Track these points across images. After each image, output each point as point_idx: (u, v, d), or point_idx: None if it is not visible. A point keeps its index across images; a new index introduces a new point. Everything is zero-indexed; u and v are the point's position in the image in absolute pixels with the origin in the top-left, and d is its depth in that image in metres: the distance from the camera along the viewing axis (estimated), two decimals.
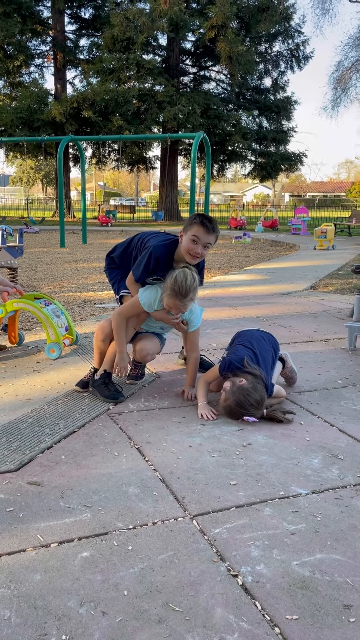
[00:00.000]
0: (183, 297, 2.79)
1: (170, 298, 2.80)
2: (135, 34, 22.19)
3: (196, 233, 2.79)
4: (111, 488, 2.03)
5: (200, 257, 2.86)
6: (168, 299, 2.81)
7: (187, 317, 3.04)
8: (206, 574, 1.57)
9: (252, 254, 12.50)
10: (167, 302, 2.83)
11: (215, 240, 2.87)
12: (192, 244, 2.81)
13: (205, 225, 2.78)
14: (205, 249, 2.84)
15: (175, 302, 2.81)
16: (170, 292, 2.79)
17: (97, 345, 3.09)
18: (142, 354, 3.12)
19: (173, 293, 2.78)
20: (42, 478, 2.10)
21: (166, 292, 2.82)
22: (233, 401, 2.65)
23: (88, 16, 27.65)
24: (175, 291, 2.78)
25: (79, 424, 2.62)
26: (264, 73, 27.44)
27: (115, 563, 1.61)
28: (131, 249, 3.11)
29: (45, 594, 1.48)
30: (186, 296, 2.79)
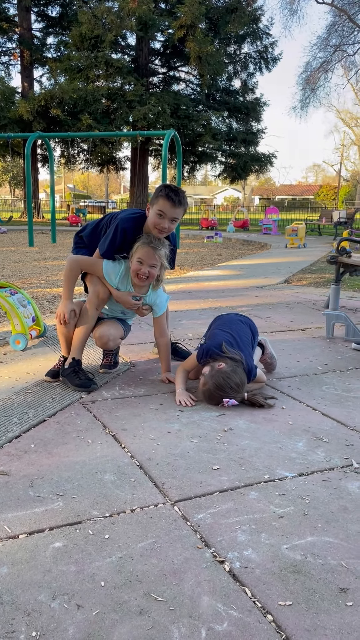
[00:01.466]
0: (155, 247, 2.69)
1: (143, 247, 2.69)
2: (104, 32, 21.97)
3: (162, 207, 2.65)
4: (85, 476, 1.89)
5: (167, 231, 2.72)
6: (140, 249, 2.70)
7: (152, 302, 2.94)
8: (190, 561, 1.44)
9: (224, 252, 12.46)
10: (138, 254, 2.71)
11: (182, 214, 2.74)
12: (158, 218, 2.67)
13: (171, 198, 2.63)
14: (172, 223, 2.70)
15: (146, 251, 2.69)
16: (142, 242, 2.70)
17: (60, 332, 2.92)
18: (102, 340, 2.95)
19: (145, 241, 2.70)
20: (10, 467, 1.94)
21: (138, 244, 2.71)
22: (212, 384, 2.54)
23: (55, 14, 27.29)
24: (146, 241, 2.70)
25: (49, 413, 2.46)
26: (233, 74, 27.55)
27: (90, 553, 1.47)
28: (101, 227, 2.96)
29: (12, 588, 1.33)
30: (157, 246, 2.70)
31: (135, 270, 2.73)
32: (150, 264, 2.72)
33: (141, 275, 2.74)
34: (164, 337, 3.00)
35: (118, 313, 3.09)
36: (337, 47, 26.85)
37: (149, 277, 2.75)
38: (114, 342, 3.01)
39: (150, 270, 2.73)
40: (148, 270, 2.72)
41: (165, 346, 3.01)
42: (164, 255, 2.76)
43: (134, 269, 2.74)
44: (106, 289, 2.87)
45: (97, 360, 3.31)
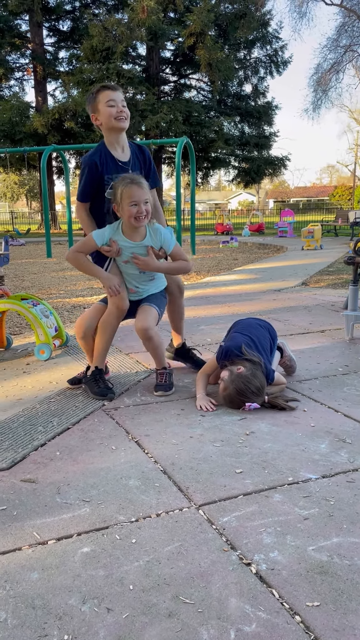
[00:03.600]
0: (138, 183, 2.64)
1: (127, 188, 2.61)
2: (114, 43, 22.23)
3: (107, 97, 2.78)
4: (110, 482, 1.91)
5: (127, 117, 2.80)
6: (125, 193, 2.61)
7: (159, 241, 2.82)
8: (217, 563, 1.46)
9: (240, 256, 12.46)
10: (127, 198, 2.61)
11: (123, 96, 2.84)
12: (109, 108, 2.75)
13: (106, 87, 2.82)
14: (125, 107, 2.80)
15: (133, 190, 2.61)
16: (123, 184, 2.63)
17: (81, 345, 2.96)
18: (142, 334, 2.80)
19: (125, 182, 2.63)
20: (37, 475, 1.98)
21: (119, 189, 2.63)
22: (233, 389, 2.55)
23: (66, 28, 27.71)
24: (126, 182, 2.63)
25: (73, 421, 2.50)
26: (244, 79, 27.63)
27: (118, 557, 1.49)
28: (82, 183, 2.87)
29: (44, 593, 1.35)
30: (139, 181, 2.65)
31: (132, 214, 2.65)
32: (144, 201, 2.65)
33: (139, 215, 2.66)
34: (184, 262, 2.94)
35: (133, 285, 2.91)
36: (348, 48, 26.75)
37: (146, 214, 2.68)
38: (152, 330, 2.79)
39: (146, 207, 2.67)
40: (144, 208, 2.65)
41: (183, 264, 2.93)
42: (148, 188, 2.71)
43: (129, 215, 2.65)
44: (124, 299, 2.83)
45: (127, 368, 3.34)
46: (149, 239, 2.80)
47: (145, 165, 2.96)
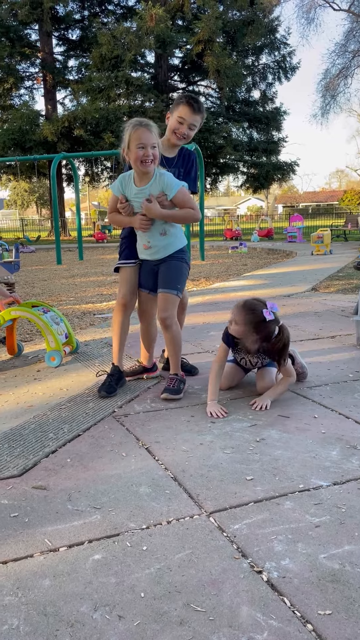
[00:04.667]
0: (147, 126, 2.62)
1: (136, 130, 2.60)
2: (123, 52, 22.41)
3: (182, 114, 2.85)
4: (121, 488, 1.92)
5: (186, 138, 2.89)
6: (134, 135, 2.60)
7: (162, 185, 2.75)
8: (228, 571, 1.46)
9: (249, 262, 12.45)
10: (135, 140, 2.60)
11: (201, 121, 2.90)
12: (177, 124, 2.86)
13: (191, 105, 2.83)
14: (190, 130, 2.87)
15: (141, 132, 2.60)
16: (133, 127, 2.62)
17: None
18: (161, 323, 2.91)
19: (135, 124, 2.62)
20: (48, 482, 1.99)
21: (128, 132, 2.62)
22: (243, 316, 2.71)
23: (76, 37, 27.97)
24: (136, 124, 2.63)
25: (83, 427, 2.51)
26: (252, 85, 27.69)
27: (129, 564, 1.49)
28: None
29: (55, 600, 1.36)
30: (149, 125, 2.63)
31: (138, 157, 2.63)
32: (152, 144, 2.63)
33: (146, 158, 2.63)
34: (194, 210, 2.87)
35: (145, 240, 2.90)
36: (356, 53, 26.75)
37: (154, 159, 2.66)
38: (171, 315, 2.89)
39: (154, 152, 2.64)
40: (152, 152, 2.63)
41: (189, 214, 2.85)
42: (157, 132, 2.68)
43: (136, 157, 2.63)
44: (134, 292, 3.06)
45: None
46: (152, 184, 2.76)
47: (186, 166, 3.04)
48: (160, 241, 2.87)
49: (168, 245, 2.89)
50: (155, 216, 2.78)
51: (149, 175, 2.73)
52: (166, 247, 2.89)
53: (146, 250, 2.91)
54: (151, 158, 2.64)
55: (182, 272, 2.95)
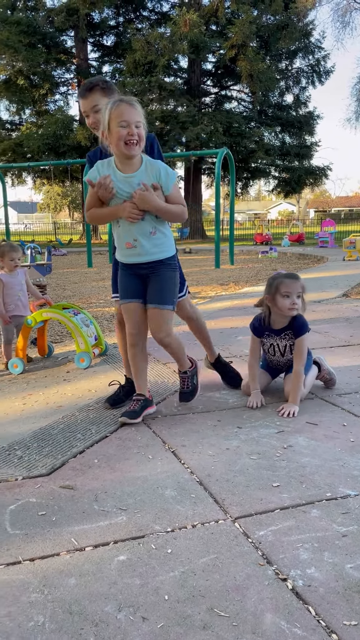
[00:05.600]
0: (129, 102, 2.28)
1: (116, 107, 2.25)
2: (157, 57, 22.57)
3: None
4: (147, 491, 1.93)
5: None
6: (114, 112, 2.25)
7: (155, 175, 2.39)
8: (252, 577, 1.45)
9: (279, 267, 12.36)
10: (116, 117, 2.25)
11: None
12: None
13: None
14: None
15: (123, 108, 2.25)
16: (112, 104, 2.27)
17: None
18: (159, 342, 2.60)
19: (115, 101, 2.28)
20: (75, 482, 2.02)
21: (107, 109, 2.28)
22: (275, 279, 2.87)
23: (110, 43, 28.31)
24: (116, 101, 2.29)
25: (111, 429, 2.53)
26: (285, 89, 27.51)
27: (154, 567, 1.50)
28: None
29: (80, 599, 1.38)
30: (131, 101, 2.29)
31: (121, 137, 2.26)
32: (135, 122, 2.27)
33: (130, 138, 2.27)
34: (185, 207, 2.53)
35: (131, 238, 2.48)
36: None
37: (139, 139, 2.30)
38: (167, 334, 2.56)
39: (139, 131, 2.29)
40: (136, 132, 2.28)
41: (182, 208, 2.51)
42: (142, 109, 2.34)
43: (118, 137, 2.26)
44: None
45: (164, 378, 3.37)
46: (142, 171, 2.39)
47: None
48: (149, 241, 2.46)
49: (156, 247, 2.49)
50: (150, 208, 2.37)
51: (134, 160, 2.36)
52: (154, 249, 2.48)
53: (129, 249, 2.48)
54: (136, 138, 2.28)
55: (174, 283, 2.59)
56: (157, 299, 2.52)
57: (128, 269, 2.56)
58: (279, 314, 2.86)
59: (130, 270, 2.55)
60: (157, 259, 2.50)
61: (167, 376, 3.40)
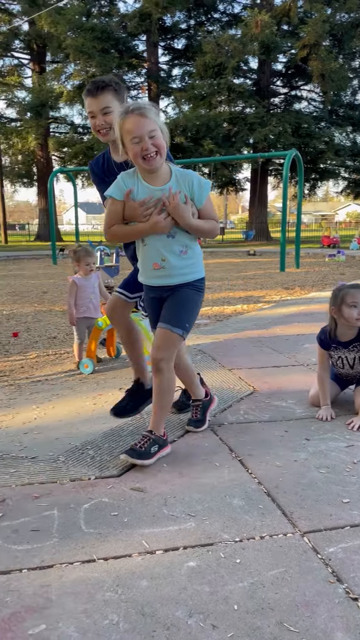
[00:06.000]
0: (139, 111, 2.04)
1: (125, 120, 2.05)
2: (227, 59, 22.57)
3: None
4: (214, 498, 1.96)
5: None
6: (125, 126, 2.06)
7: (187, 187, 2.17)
8: (322, 594, 1.44)
9: (347, 271, 12.04)
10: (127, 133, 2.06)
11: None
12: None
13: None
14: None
15: (132, 121, 2.03)
16: (121, 116, 2.08)
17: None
18: (156, 365, 2.27)
19: (123, 113, 2.08)
20: (144, 484, 2.08)
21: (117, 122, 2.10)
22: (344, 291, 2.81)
23: (181, 46, 28.60)
24: (124, 112, 2.08)
25: (178, 434, 2.58)
26: (358, 88, 26.77)
27: (223, 575, 1.53)
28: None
29: (152, 601, 1.42)
30: (141, 109, 2.05)
31: (137, 153, 2.07)
32: (149, 133, 2.04)
33: (146, 153, 2.06)
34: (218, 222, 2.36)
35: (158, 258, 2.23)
36: None
37: (158, 150, 2.07)
38: (166, 361, 2.27)
39: (155, 142, 2.06)
40: (151, 143, 2.05)
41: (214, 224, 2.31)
42: (155, 115, 2.09)
43: (134, 153, 2.07)
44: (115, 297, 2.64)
45: (230, 384, 3.38)
46: (173, 183, 2.18)
47: None
48: (179, 261, 2.24)
49: (187, 268, 2.27)
50: (184, 222, 2.15)
51: (161, 171, 2.16)
52: (184, 269, 2.26)
53: (156, 271, 2.25)
54: (153, 151, 2.06)
55: (196, 306, 2.34)
56: (168, 318, 2.25)
57: (152, 291, 2.32)
58: (346, 325, 2.81)
59: (153, 292, 2.32)
60: (186, 281, 2.28)
61: (233, 382, 3.42)
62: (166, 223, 2.15)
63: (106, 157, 2.63)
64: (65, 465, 2.25)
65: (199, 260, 2.35)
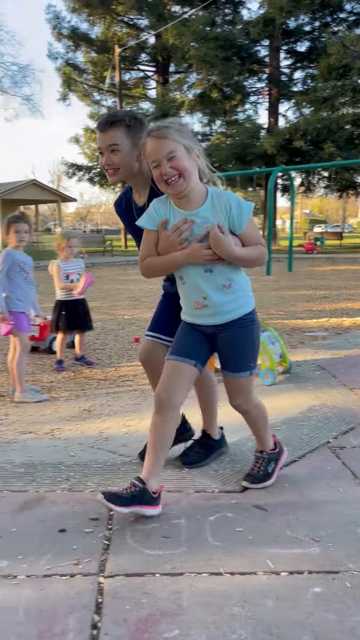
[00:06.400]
0: (157, 134, 1.89)
1: (144, 147, 1.95)
2: (352, 60, 21.82)
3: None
4: (339, 525, 1.95)
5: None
6: (143, 152, 1.97)
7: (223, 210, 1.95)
8: None
9: None
10: (147, 157, 1.95)
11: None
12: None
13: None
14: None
15: (149, 145, 1.91)
16: (142, 140, 1.97)
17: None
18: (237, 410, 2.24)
19: (144, 137, 1.97)
20: (267, 502, 2.12)
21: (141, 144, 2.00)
22: None
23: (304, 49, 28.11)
24: (144, 134, 1.97)
25: (299, 454, 2.59)
26: None
27: (349, 605, 1.53)
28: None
29: (278, 622, 1.47)
30: (160, 130, 1.89)
31: (157, 178, 1.92)
32: (167, 156, 1.88)
33: (167, 178, 1.89)
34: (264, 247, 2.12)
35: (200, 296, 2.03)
36: None
37: (181, 174, 1.89)
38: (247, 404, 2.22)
39: (175, 164, 1.88)
40: (170, 167, 1.88)
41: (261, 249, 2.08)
42: (178, 133, 1.90)
43: (155, 178, 1.93)
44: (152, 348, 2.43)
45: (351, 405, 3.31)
46: (208, 207, 1.97)
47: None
48: (222, 297, 2.02)
49: (233, 303, 2.05)
50: (226, 254, 1.94)
51: (193, 194, 1.96)
52: (230, 305, 2.05)
53: (199, 310, 2.05)
54: (174, 174, 1.88)
55: (253, 344, 2.16)
56: (232, 367, 2.12)
57: (197, 326, 2.12)
58: None
59: (198, 327, 2.11)
60: (233, 319, 2.06)
61: (355, 403, 3.33)
62: (205, 252, 1.94)
63: (127, 197, 2.38)
64: (190, 475, 2.36)
65: (246, 293, 2.12)
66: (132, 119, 2.19)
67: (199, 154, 1.95)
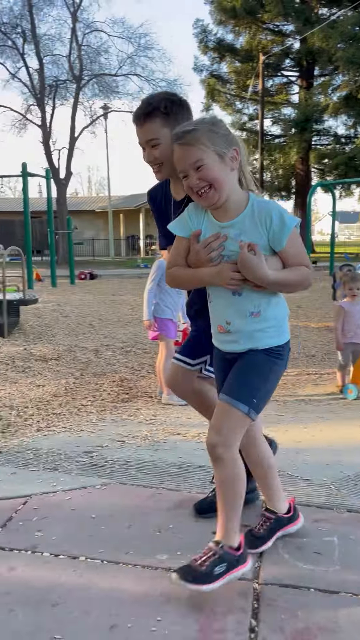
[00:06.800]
0: (182, 140, 1.68)
1: (172, 154, 1.76)
2: None
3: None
4: None
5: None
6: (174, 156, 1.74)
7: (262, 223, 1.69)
8: None
9: None
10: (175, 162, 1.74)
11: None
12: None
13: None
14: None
15: (175, 150, 1.72)
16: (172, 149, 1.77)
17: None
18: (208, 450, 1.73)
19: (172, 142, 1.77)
20: None
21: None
22: None
23: None
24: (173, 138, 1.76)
25: None
26: None
27: None
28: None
29: None
30: (184, 137, 1.67)
31: (187, 189, 1.73)
32: (194, 165, 1.66)
33: (197, 189, 1.68)
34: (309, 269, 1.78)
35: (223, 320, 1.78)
36: None
37: (211, 184, 1.67)
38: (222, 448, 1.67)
39: (203, 175, 1.66)
40: (197, 178, 1.67)
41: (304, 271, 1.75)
42: (207, 136, 1.65)
43: (186, 189, 1.74)
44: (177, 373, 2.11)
45: None
46: (245, 218, 1.72)
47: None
48: (248, 325, 1.73)
49: (260, 333, 1.73)
50: (256, 278, 1.66)
51: (229, 203, 1.72)
52: (256, 334, 1.73)
53: (222, 335, 1.80)
54: (203, 185, 1.67)
55: (268, 376, 1.76)
56: (230, 388, 1.73)
57: (223, 353, 1.84)
58: None
59: (225, 355, 1.83)
60: (257, 348, 1.74)
61: None
62: (232, 275, 1.67)
63: (164, 190, 2.15)
64: (340, 494, 2.33)
65: (279, 323, 1.77)
66: (168, 104, 1.96)
67: (236, 156, 1.70)
